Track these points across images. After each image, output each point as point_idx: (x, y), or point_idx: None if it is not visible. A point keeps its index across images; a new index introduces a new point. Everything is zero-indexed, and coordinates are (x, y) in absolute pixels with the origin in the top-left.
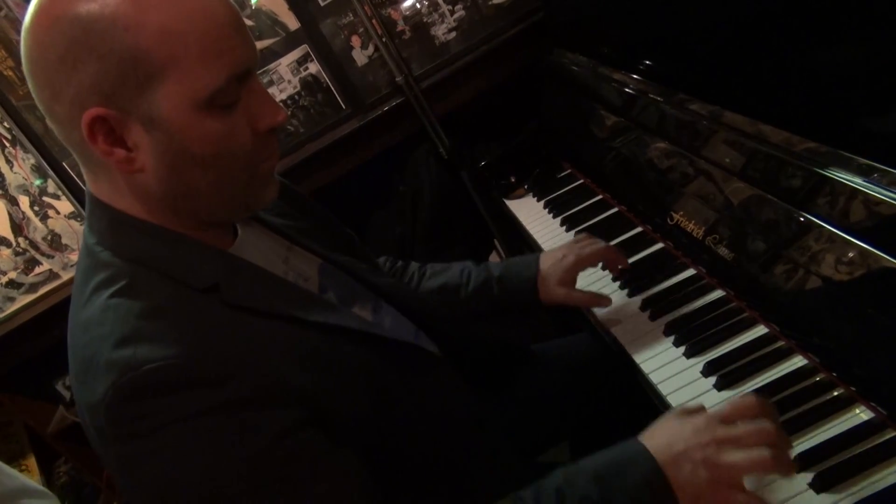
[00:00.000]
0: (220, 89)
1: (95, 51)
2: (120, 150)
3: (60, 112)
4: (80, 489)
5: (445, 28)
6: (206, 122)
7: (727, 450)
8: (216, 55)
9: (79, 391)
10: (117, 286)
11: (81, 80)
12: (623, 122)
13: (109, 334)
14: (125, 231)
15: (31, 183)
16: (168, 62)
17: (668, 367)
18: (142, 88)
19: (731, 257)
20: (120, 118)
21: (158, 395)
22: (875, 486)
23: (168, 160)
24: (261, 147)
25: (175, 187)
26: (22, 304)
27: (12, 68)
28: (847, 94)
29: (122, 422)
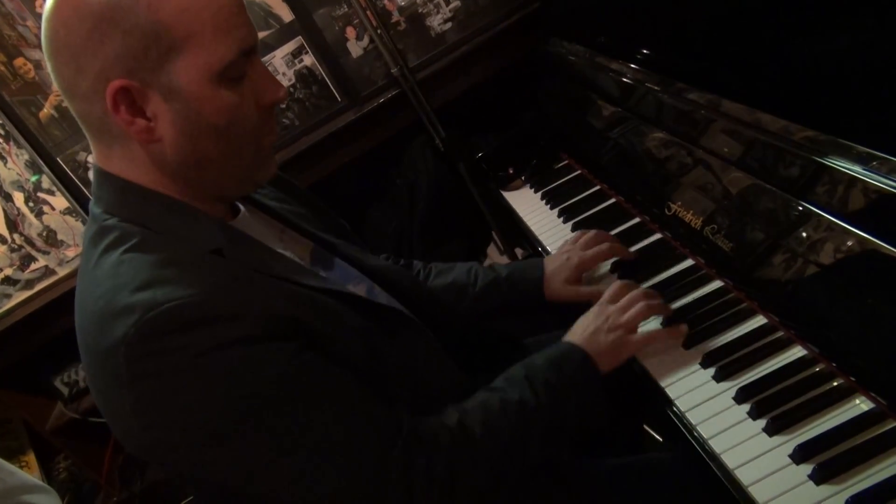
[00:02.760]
0: (231, 62)
1: (120, 26)
2: (141, 120)
3: (84, 86)
4: (80, 485)
5: (441, 19)
6: (219, 92)
7: (618, 315)
8: (227, 31)
9: (90, 343)
10: (129, 243)
11: (107, 54)
12: (620, 111)
13: (126, 283)
14: (135, 198)
15: (25, 179)
16: (186, 36)
17: (666, 359)
18: (162, 61)
19: (729, 247)
20: (141, 89)
21: (179, 332)
22: (875, 477)
23: (184, 129)
24: (263, 122)
25: (189, 156)
26: (18, 301)
27: (4, 63)
28: (846, 81)
29: (144, 359)
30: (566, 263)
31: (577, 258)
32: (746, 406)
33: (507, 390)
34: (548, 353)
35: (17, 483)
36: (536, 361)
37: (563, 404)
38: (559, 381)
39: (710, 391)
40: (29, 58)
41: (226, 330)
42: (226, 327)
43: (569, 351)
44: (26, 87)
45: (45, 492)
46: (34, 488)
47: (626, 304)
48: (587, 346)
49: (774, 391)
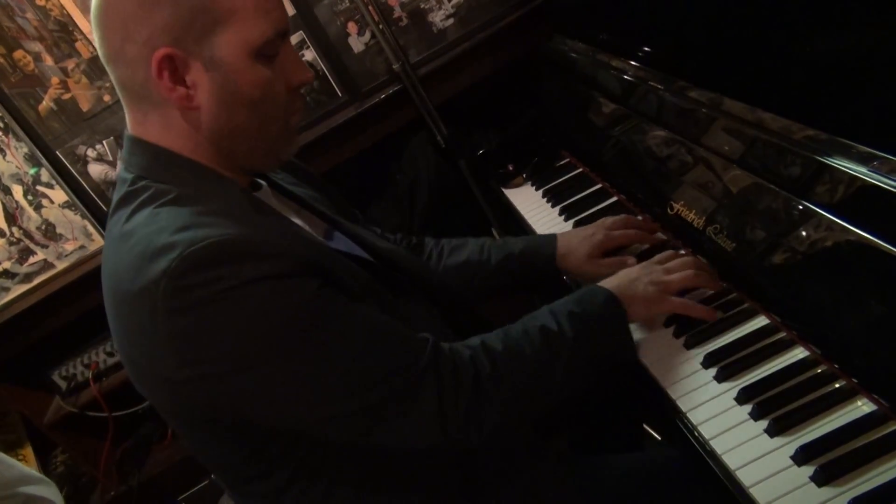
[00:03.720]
0: (269, 40)
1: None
2: (182, 87)
3: (131, 52)
4: (77, 479)
5: (443, 14)
6: (255, 67)
7: (663, 274)
8: (266, 11)
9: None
10: (164, 199)
11: (156, 23)
12: (622, 109)
13: (165, 227)
14: (168, 163)
15: (24, 172)
16: (230, 11)
17: (667, 359)
18: (206, 33)
19: (731, 247)
20: (184, 58)
21: (219, 265)
22: (878, 479)
23: (222, 98)
24: (290, 101)
25: (224, 125)
26: (16, 294)
27: (4, 55)
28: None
29: (185, 291)
30: (590, 239)
31: (602, 235)
32: (748, 407)
33: (530, 320)
34: (575, 293)
35: (15, 475)
36: (561, 300)
37: (588, 336)
38: (584, 313)
39: (711, 392)
40: (28, 50)
41: (261, 265)
42: (261, 262)
43: (595, 290)
44: (25, 80)
45: (43, 483)
46: (33, 479)
47: (675, 267)
48: (620, 290)
49: (776, 392)
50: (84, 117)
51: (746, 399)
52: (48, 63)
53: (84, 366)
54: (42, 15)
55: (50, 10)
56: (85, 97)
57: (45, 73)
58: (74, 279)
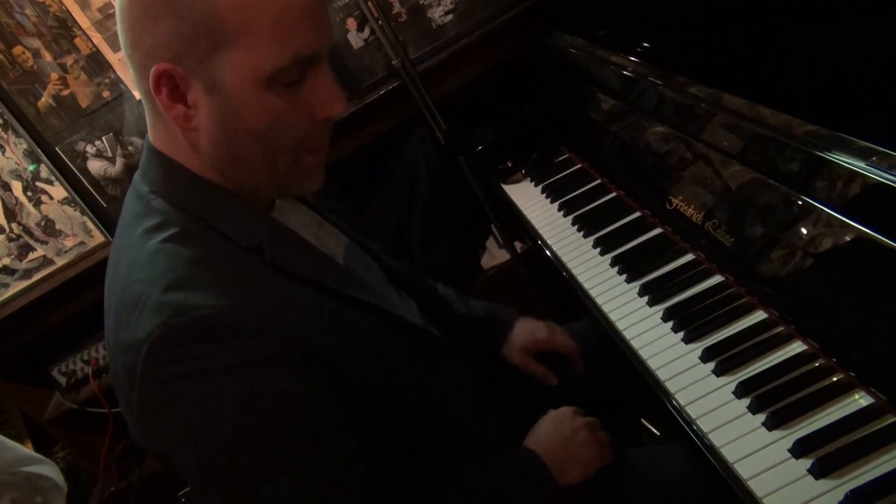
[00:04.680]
0: (282, 68)
1: (175, 10)
2: (180, 105)
3: (136, 59)
4: (77, 475)
5: (442, 10)
6: (264, 97)
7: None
8: (286, 36)
9: (116, 329)
10: (169, 232)
11: (158, 35)
12: (621, 105)
13: (160, 277)
14: (180, 182)
15: (23, 168)
16: (239, 34)
17: (666, 353)
18: (210, 53)
19: (730, 242)
20: (185, 76)
21: (203, 341)
22: (874, 471)
23: (221, 125)
24: (312, 135)
25: (224, 152)
26: (16, 291)
27: (3, 51)
28: (847, 76)
29: (163, 363)
30: (533, 333)
31: (544, 334)
32: (746, 400)
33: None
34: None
35: (15, 456)
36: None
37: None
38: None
39: (709, 385)
40: (27, 46)
41: (247, 346)
42: (248, 343)
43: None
44: (25, 76)
45: (43, 463)
46: (33, 460)
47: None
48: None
49: (774, 386)
50: (83, 113)
51: (745, 393)
52: (47, 59)
53: (84, 362)
54: (41, 11)
55: (49, 6)
56: (84, 93)
57: (43, 70)
58: (74, 275)
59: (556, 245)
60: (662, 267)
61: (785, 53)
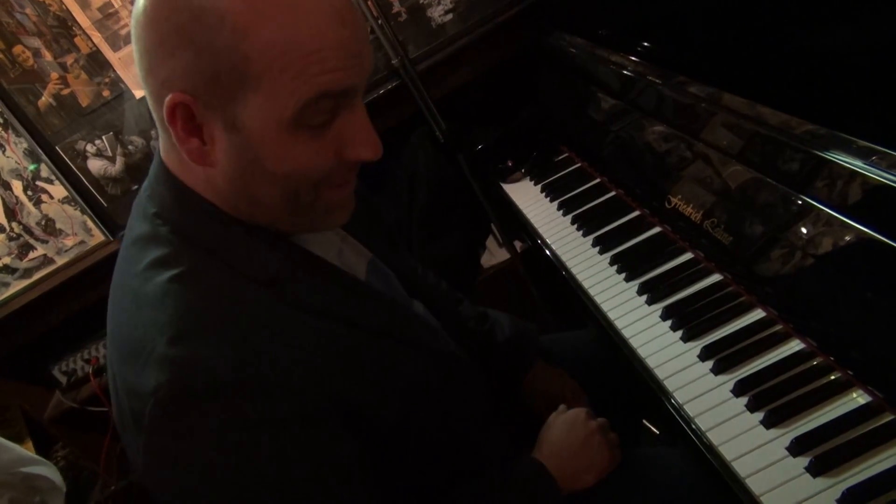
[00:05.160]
0: (308, 105)
1: (195, 43)
2: (196, 139)
3: (151, 85)
4: (78, 473)
5: (442, 10)
6: (288, 141)
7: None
8: (314, 74)
9: (121, 367)
10: (177, 270)
11: (175, 66)
12: (621, 104)
13: (166, 324)
14: (191, 210)
15: (23, 167)
16: (263, 76)
17: (665, 351)
18: (231, 92)
19: (728, 241)
20: (202, 111)
21: (208, 401)
22: (872, 469)
23: (239, 165)
24: (337, 173)
25: (239, 191)
26: (16, 290)
27: (3, 51)
28: (847, 75)
29: (167, 418)
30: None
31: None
32: (744, 399)
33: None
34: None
35: (13, 457)
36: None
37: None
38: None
39: (708, 384)
40: (27, 45)
41: (254, 406)
42: (254, 403)
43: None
44: (25, 75)
45: (43, 464)
46: (32, 461)
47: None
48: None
49: (772, 384)
50: (83, 113)
51: (743, 391)
52: (47, 58)
53: (84, 361)
54: (41, 10)
55: (49, 5)
56: (84, 93)
57: (44, 69)
58: (74, 274)
59: (555, 244)
60: (661, 265)
61: (785, 53)
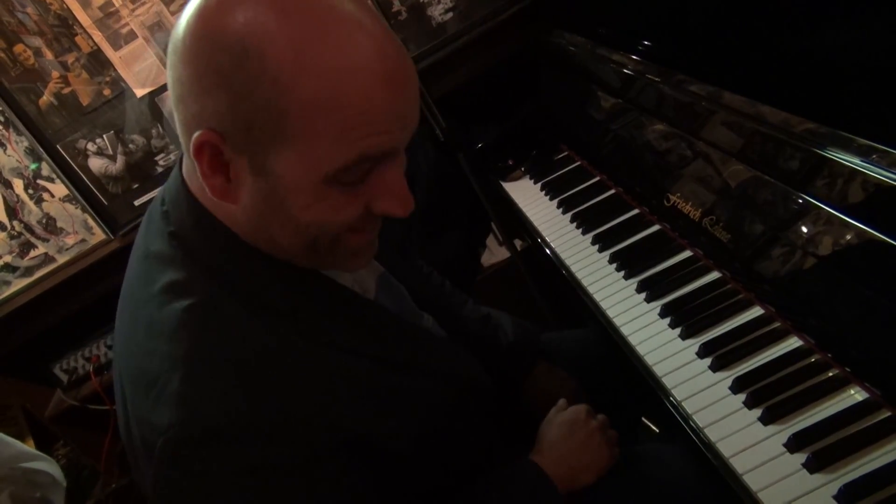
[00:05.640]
0: (345, 168)
1: (234, 88)
2: (221, 176)
3: (181, 113)
4: (79, 471)
5: (442, 8)
6: (319, 194)
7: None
8: (357, 137)
9: (133, 393)
10: (192, 300)
11: (208, 105)
12: (621, 103)
13: (180, 361)
14: (210, 236)
15: (25, 166)
16: (302, 133)
17: (663, 349)
18: (264, 142)
19: (727, 239)
20: (231, 151)
21: (220, 445)
22: (869, 466)
23: (262, 209)
24: (359, 224)
25: (259, 229)
26: (18, 288)
27: (4, 50)
28: (847, 73)
29: (179, 457)
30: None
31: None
32: (742, 396)
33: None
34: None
35: (13, 452)
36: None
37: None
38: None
39: (706, 381)
40: (28, 45)
41: (266, 451)
42: (266, 448)
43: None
44: (26, 74)
45: (42, 459)
46: (31, 456)
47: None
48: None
49: (770, 381)
50: (84, 111)
51: (741, 388)
52: (48, 57)
53: (85, 359)
54: (42, 9)
55: (50, 4)
56: (85, 91)
57: (45, 68)
58: (75, 273)
59: (554, 242)
60: (660, 263)
61: (785, 51)
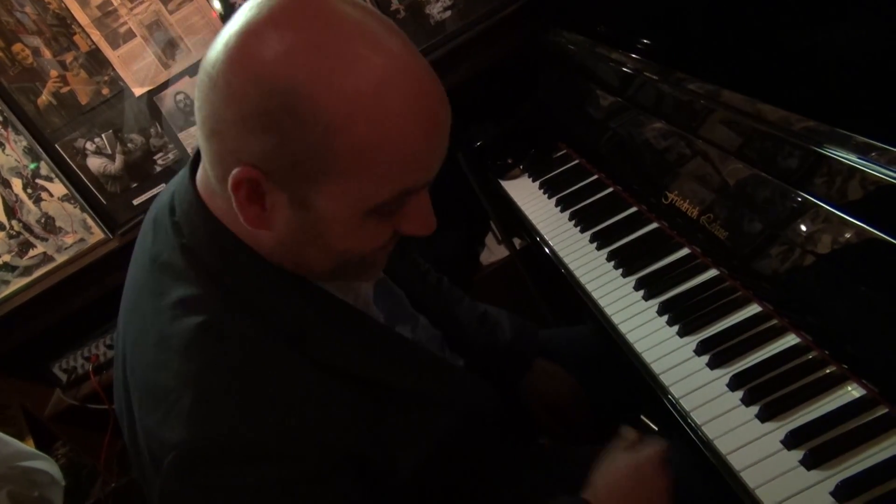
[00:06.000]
0: (385, 203)
1: (282, 131)
2: (256, 207)
3: (215, 149)
4: (79, 471)
5: (440, 7)
6: (358, 225)
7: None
8: (399, 176)
9: (142, 405)
10: (205, 317)
11: (253, 144)
12: (619, 101)
13: (193, 380)
14: (224, 252)
15: (23, 166)
16: (348, 172)
17: (661, 346)
18: (307, 179)
19: (725, 236)
20: (271, 185)
21: (227, 465)
22: (865, 462)
23: (298, 237)
24: (390, 242)
25: (286, 253)
26: (16, 288)
27: (2, 49)
28: (846, 71)
29: (186, 475)
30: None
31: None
32: (740, 393)
33: None
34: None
35: (12, 451)
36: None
37: None
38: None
39: (704, 378)
40: (27, 44)
41: (271, 469)
42: (272, 466)
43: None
44: (24, 74)
45: (43, 459)
46: (30, 455)
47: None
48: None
49: (767, 378)
50: (83, 111)
51: (738, 385)
52: (47, 57)
53: (84, 358)
54: (40, 9)
55: (48, 3)
56: (84, 91)
57: (43, 67)
58: (74, 272)
59: (553, 240)
60: (658, 261)
61: (784, 49)
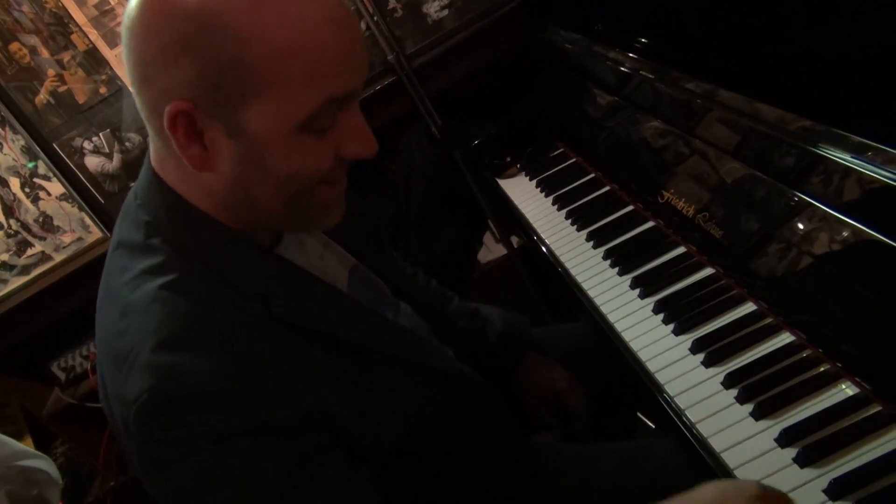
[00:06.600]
0: (315, 114)
1: (200, 52)
2: (196, 146)
3: (147, 96)
4: (78, 470)
5: (438, 6)
6: (294, 145)
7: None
8: (320, 80)
9: (110, 375)
10: (168, 278)
11: (175, 76)
12: (617, 100)
13: (152, 332)
14: (183, 221)
15: (21, 165)
16: (270, 83)
17: (657, 345)
18: (234, 100)
19: (721, 235)
20: (204, 118)
21: (190, 410)
22: (859, 460)
23: (241, 169)
24: (331, 173)
25: (239, 195)
26: (15, 287)
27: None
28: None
29: (151, 426)
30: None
31: (565, 387)
32: (734, 391)
33: None
34: None
35: (10, 451)
36: None
37: None
38: None
39: (698, 376)
40: (24, 43)
41: (239, 416)
42: (240, 413)
43: None
44: (22, 73)
45: (41, 458)
46: (29, 455)
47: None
48: None
49: (762, 376)
50: (80, 109)
51: (733, 383)
52: (44, 56)
53: (83, 357)
54: (38, 8)
55: (45, 2)
56: (81, 90)
57: (41, 66)
58: (72, 271)
59: (549, 238)
60: (654, 259)
61: (781, 49)
